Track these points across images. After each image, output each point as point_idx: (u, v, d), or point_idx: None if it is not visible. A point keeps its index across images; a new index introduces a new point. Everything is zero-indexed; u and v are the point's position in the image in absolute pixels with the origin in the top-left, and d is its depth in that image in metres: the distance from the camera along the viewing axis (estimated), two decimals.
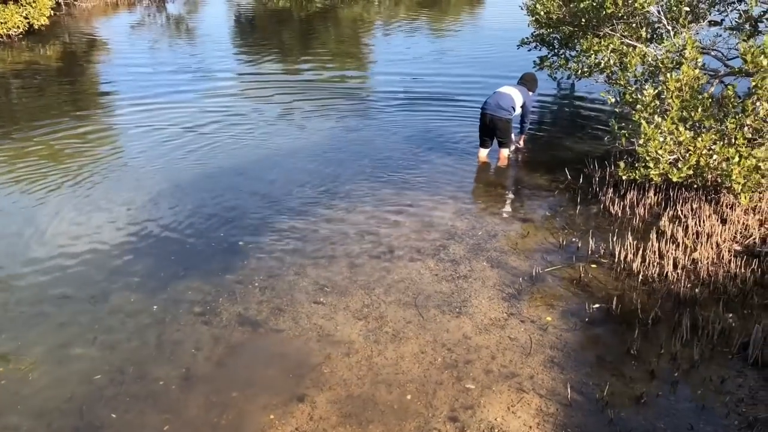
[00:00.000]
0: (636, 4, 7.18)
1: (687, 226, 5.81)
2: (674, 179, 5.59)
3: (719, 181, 5.81)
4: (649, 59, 7.03)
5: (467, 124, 8.86)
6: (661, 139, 5.51)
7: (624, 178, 5.94)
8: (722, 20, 8.10)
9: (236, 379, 4.23)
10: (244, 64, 14.05)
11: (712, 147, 5.45)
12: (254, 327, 4.76)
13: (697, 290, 4.98)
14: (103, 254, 5.82)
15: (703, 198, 6.25)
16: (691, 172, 5.58)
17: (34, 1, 15.34)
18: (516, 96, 7.52)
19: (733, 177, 5.30)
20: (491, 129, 7.60)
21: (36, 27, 15.66)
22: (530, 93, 7.78)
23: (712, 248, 5.45)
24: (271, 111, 10.06)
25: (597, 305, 4.91)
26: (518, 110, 7.61)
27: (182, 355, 4.48)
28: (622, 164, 5.92)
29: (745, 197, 5.42)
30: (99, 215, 6.55)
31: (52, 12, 16.28)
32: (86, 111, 10.33)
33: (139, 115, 9.83)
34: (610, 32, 7.73)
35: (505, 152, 7.76)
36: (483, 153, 7.87)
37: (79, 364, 4.41)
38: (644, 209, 6.30)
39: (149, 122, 9.46)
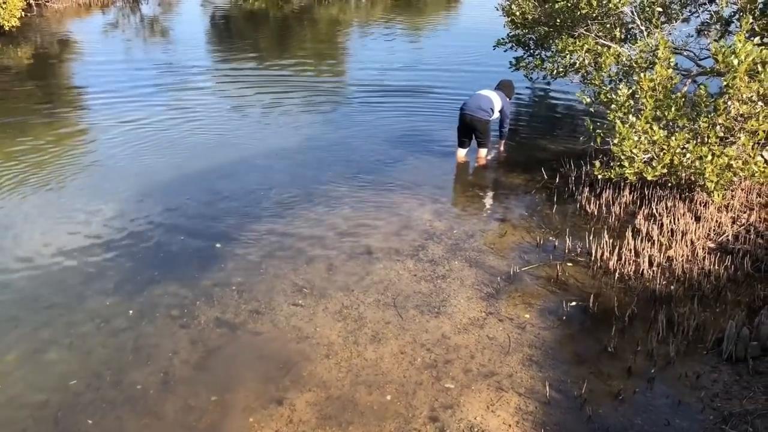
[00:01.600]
0: (610, 5, 7.26)
1: (662, 224, 5.88)
2: (649, 178, 5.65)
3: (693, 179, 5.88)
4: (623, 59, 7.11)
5: (445, 123, 8.87)
6: (636, 138, 5.57)
7: (599, 177, 5.99)
8: (708, 20, 8.18)
9: (215, 383, 4.19)
10: (219, 63, 13.93)
11: (686, 146, 5.52)
12: (232, 330, 4.72)
13: (672, 287, 5.05)
14: (77, 258, 5.73)
15: (678, 196, 6.33)
16: (665, 170, 5.65)
17: (4, 2, 15.05)
18: (495, 99, 7.57)
19: (707, 175, 5.38)
20: (470, 129, 7.64)
21: (6, 28, 15.38)
22: (508, 99, 7.83)
23: (686, 246, 5.52)
24: (247, 111, 10.00)
25: (574, 303, 4.96)
26: (497, 114, 7.66)
27: (160, 359, 4.42)
28: (597, 163, 5.98)
29: (718, 195, 5.50)
30: (72, 217, 6.45)
31: (22, 13, 15.99)
32: (57, 111, 10.17)
33: (111, 115, 9.69)
34: (584, 32, 7.80)
35: (483, 152, 7.80)
36: (461, 153, 7.91)
37: (54, 369, 4.34)
38: (620, 208, 6.36)
39: (122, 122, 9.33)
